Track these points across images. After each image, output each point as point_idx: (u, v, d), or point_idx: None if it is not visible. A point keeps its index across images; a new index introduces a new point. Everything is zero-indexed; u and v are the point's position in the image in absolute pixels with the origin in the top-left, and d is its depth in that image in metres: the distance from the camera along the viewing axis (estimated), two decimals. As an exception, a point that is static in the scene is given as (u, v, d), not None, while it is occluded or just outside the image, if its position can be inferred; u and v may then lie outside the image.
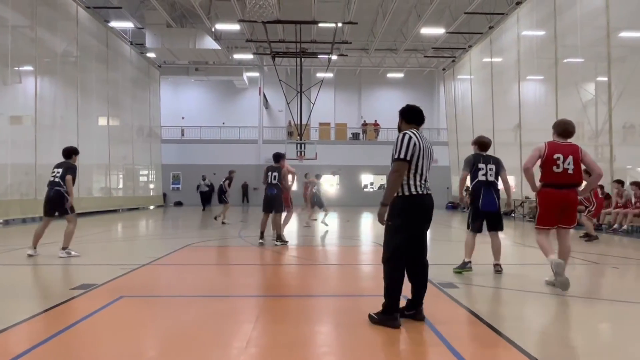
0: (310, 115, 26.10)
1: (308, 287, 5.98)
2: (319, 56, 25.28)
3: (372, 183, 32.26)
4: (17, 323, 4.03)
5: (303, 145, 23.99)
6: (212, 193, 25.77)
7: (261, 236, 9.53)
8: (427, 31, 23.65)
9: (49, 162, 9.78)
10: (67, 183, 7.58)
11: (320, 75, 28.20)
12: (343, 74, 33.31)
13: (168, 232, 13.54)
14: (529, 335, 3.95)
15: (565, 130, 5.47)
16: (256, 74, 32.12)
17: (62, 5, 17.58)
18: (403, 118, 4.25)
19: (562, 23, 15.55)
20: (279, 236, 9.52)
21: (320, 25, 21.89)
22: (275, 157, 9.69)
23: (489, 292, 5.52)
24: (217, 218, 15.03)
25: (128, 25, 23.24)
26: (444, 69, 29.95)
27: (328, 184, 27.94)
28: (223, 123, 32.33)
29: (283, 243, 9.41)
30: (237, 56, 28.86)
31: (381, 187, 30.63)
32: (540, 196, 5.57)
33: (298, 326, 4.08)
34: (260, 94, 32.21)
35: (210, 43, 23.43)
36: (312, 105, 25.68)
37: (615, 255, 8.95)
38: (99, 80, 20.73)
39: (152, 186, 28.10)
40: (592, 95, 14.80)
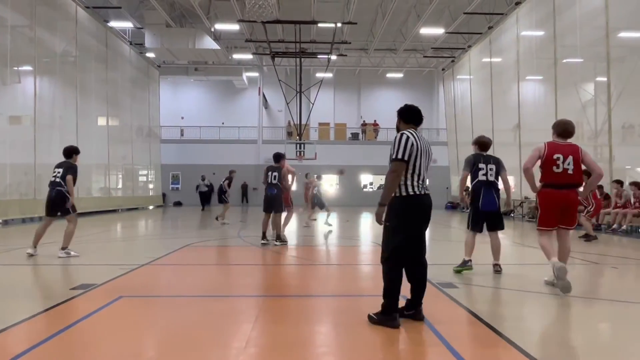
0: (309, 115, 26.08)
1: (307, 287, 5.98)
2: (319, 56, 25.27)
3: (372, 183, 32.24)
4: (17, 323, 4.03)
5: (302, 145, 23.95)
6: (212, 193, 25.76)
7: (263, 236, 9.53)
8: (427, 31, 23.61)
9: (48, 162, 9.78)
10: (68, 183, 7.58)
11: (319, 75, 28.17)
12: (342, 74, 33.29)
13: (167, 232, 13.54)
14: (529, 335, 3.96)
15: (565, 130, 5.46)
16: (256, 74, 32.11)
17: (62, 5, 17.54)
18: (401, 118, 4.26)
19: (562, 23, 15.56)
20: (279, 236, 9.53)
21: (319, 25, 21.88)
22: (275, 157, 9.69)
23: (489, 292, 5.52)
24: (219, 218, 15.02)
25: (127, 25, 23.20)
26: (444, 69, 29.96)
27: (328, 184, 27.90)
28: (222, 123, 32.30)
29: (283, 243, 9.43)
30: (237, 56, 28.82)
31: (380, 187, 30.61)
32: (540, 196, 5.55)
33: (297, 326, 4.08)
34: (259, 94, 32.19)
35: (209, 43, 23.41)
36: (312, 105, 25.67)
37: (614, 255, 8.96)
38: (98, 80, 20.71)
39: (152, 186, 28.07)
40: (592, 95, 14.80)
